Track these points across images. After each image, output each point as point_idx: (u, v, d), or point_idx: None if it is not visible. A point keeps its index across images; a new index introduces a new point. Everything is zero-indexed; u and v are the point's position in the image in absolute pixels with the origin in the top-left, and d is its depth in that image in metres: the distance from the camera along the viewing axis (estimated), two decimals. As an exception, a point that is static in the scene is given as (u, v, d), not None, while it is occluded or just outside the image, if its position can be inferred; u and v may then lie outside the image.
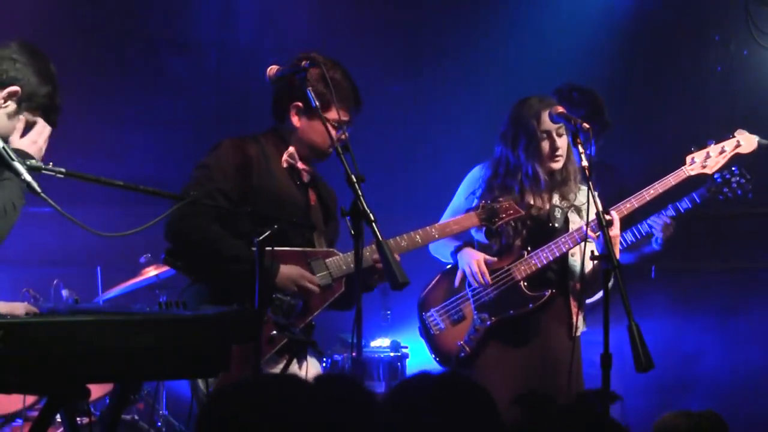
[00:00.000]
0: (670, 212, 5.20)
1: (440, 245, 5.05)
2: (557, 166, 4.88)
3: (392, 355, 6.07)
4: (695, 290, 7.19)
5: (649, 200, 4.90)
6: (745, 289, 7.10)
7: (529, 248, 4.88)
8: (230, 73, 7.16)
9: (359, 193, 3.75)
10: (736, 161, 5.11)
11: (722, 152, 5.03)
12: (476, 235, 5.00)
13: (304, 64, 4.11)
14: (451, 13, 7.39)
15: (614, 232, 4.69)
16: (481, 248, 4.98)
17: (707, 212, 6.22)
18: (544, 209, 4.91)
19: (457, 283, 4.96)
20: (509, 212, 4.74)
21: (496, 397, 2.61)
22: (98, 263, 6.28)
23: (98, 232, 3.36)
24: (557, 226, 4.91)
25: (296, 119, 4.32)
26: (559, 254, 4.84)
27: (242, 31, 7.28)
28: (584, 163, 4.40)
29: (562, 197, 4.95)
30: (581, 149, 4.43)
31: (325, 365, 5.91)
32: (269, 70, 4.25)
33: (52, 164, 3.37)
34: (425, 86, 7.35)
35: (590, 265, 4.82)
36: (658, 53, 7.22)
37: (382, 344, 6.26)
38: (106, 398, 5.50)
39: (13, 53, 3.51)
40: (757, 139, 5.21)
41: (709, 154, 5.02)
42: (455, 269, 4.99)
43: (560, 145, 4.84)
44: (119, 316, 3.16)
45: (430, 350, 5.06)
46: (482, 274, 4.85)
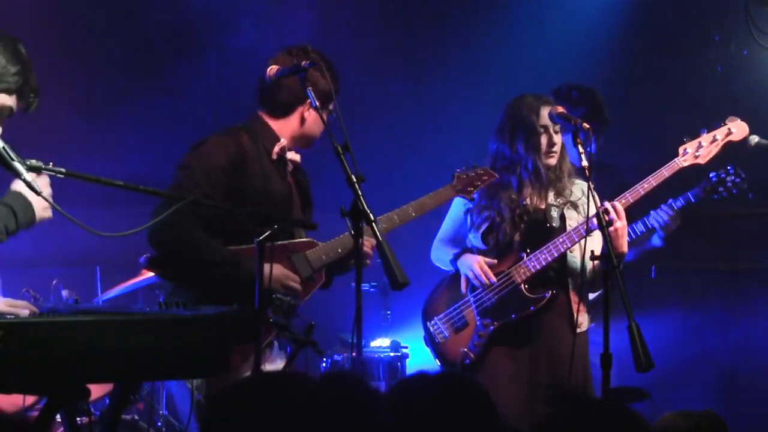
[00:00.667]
0: (670, 205, 5.22)
1: (440, 252, 5.07)
2: (551, 161, 4.92)
3: (392, 355, 6.07)
4: (695, 290, 7.19)
5: (643, 194, 4.90)
6: (745, 289, 7.10)
7: (528, 250, 4.89)
8: (230, 73, 7.15)
9: (359, 193, 3.75)
10: (728, 150, 5.07)
11: (714, 141, 5.01)
12: (473, 240, 5.00)
13: (304, 64, 4.13)
14: (451, 13, 7.39)
15: (622, 223, 4.69)
16: (479, 255, 4.99)
17: (707, 212, 6.23)
18: (540, 208, 4.92)
19: (463, 289, 4.97)
20: (483, 178, 4.77)
21: (504, 397, 2.59)
22: (98, 263, 6.26)
23: (98, 232, 3.35)
24: (554, 225, 4.92)
25: (306, 115, 4.36)
26: (557, 255, 4.84)
27: (242, 31, 7.27)
28: (584, 162, 4.41)
29: (557, 194, 4.96)
30: (581, 149, 4.44)
31: (325, 365, 5.92)
32: (269, 69, 4.29)
33: (52, 164, 3.37)
34: (425, 86, 7.35)
35: (590, 265, 4.82)
36: (658, 53, 7.22)
37: (382, 344, 6.26)
38: (106, 398, 5.48)
39: None
40: (757, 139, 5.21)
41: (701, 143, 4.99)
42: (456, 277, 5.00)
43: (557, 140, 4.90)
44: (119, 316, 3.15)
45: (435, 358, 5.07)
46: (485, 273, 4.86)
